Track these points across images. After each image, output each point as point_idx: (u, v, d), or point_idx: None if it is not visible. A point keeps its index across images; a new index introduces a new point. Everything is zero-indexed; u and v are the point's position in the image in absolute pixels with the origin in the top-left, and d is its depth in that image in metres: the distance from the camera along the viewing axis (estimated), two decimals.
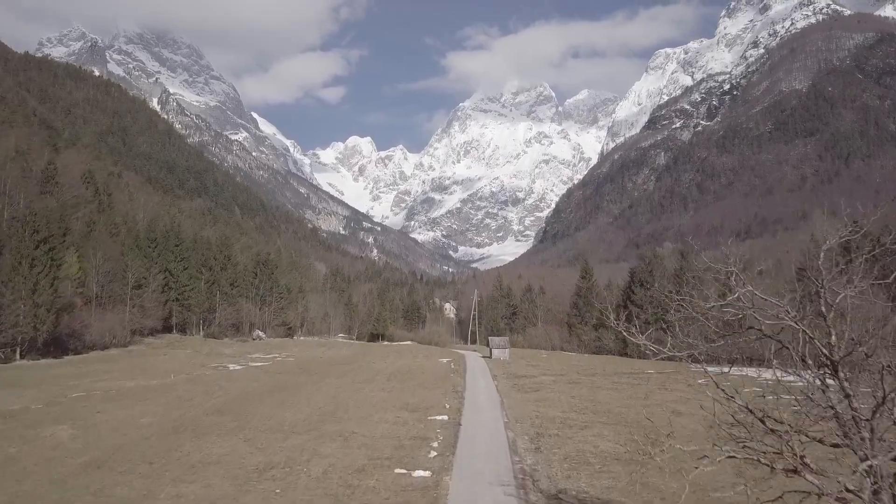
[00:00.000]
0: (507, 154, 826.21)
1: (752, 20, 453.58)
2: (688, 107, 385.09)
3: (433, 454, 16.57)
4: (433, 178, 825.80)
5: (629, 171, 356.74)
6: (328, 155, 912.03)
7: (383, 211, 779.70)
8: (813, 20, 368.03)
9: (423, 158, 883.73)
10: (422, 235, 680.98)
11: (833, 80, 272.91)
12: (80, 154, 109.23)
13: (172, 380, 32.36)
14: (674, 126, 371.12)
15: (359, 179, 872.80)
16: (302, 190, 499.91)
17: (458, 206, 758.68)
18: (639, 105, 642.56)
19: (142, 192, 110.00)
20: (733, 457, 6.00)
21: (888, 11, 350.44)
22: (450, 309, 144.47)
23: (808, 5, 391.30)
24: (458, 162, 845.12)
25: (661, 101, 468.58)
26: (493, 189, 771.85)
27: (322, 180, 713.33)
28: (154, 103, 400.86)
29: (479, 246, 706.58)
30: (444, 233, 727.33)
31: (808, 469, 5.56)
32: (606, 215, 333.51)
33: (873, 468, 5.30)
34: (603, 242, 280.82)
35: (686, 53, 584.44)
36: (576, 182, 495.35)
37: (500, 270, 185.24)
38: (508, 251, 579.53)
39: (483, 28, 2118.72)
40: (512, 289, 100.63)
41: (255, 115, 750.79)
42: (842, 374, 6.00)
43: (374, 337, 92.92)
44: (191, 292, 63.42)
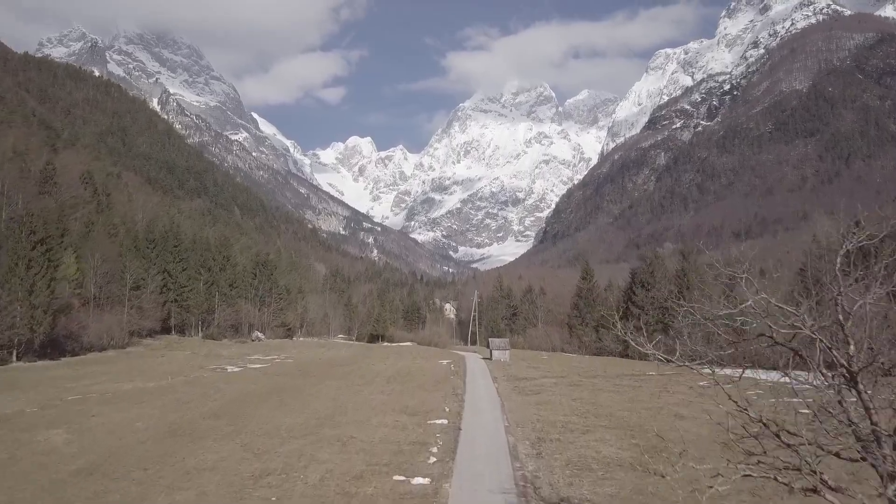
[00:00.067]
0: (507, 154, 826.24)
1: (752, 20, 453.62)
2: (688, 107, 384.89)
3: (433, 460, 16.29)
4: (433, 179, 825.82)
5: (629, 171, 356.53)
6: (328, 155, 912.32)
7: (383, 211, 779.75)
8: (813, 20, 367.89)
9: (423, 159, 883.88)
10: (422, 236, 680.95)
11: (833, 81, 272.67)
12: (79, 154, 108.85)
13: (170, 382, 32.08)
14: (674, 126, 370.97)
15: (359, 180, 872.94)
16: (302, 190, 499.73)
17: (459, 206, 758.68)
18: (639, 105, 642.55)
19: (141, 193, 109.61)
20: (749, 475, 5.70)
21: (888, 11, 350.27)
22: (450, 309, 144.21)
23: (808, 5, 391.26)
24: (459, 162, 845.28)
25: (662, 102, 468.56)
26: (494, 189, 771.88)
27: (322, 180, 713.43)
28: (154, 103, 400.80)
29: (479, 246, 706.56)
30: (444, 233, 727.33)
31: (829, 489, 5.27)
32: (606, 216, 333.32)
33: None
34: (603, 243, 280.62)
35: (686, 54, 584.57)
36: (576, 182, 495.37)
37: (500, 271, 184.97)
38: (508, 251, 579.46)
39: (483, 28, 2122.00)
40: (512, 289, 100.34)
41: (255, 116, 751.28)
42: (861, 386, 5.71)
43: (374, 338, 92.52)
44: (189, 293, 63.11)
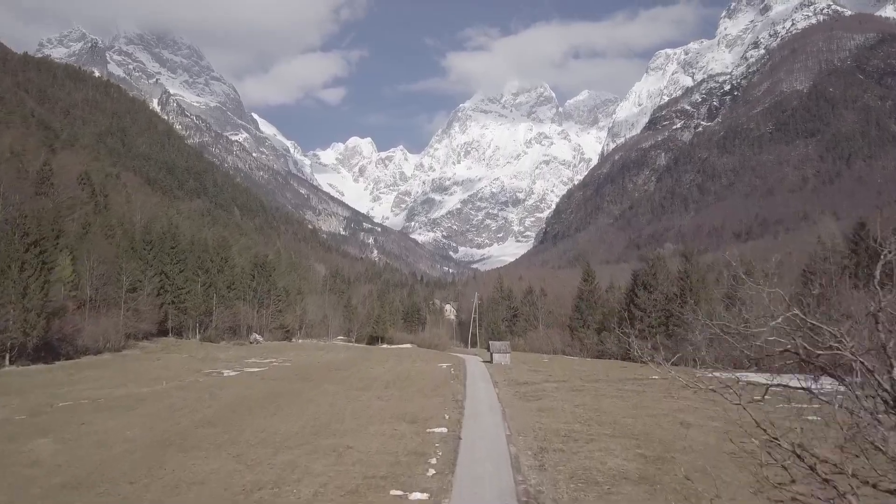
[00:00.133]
0: (507, 155, 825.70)
1: (752, 21, 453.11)
2: (688, 107, 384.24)
3: (431, 472, 15.69)
4: (433, 179, 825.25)
5: (630, 171, 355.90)
6: (328, 156, 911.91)
7: (383, 212, 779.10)
8: (813, 21, 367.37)
9: (423, 159, 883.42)
10: (422, 236, 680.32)
11: (834, 81, 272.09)
12: (77, 155, 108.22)
13: (164, 387, 31.47)
14: (674, 127, 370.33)
15: (359, 180, 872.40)
16: (302, 191, 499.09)
17: (459, 206, 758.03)
18: (639, 106, 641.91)
19: (140, 194, 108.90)
20: None
21: (889, 12, 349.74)
22: (450, 310, 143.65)
23: (808, 6, 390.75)
24: (459, 163, 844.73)
25: (662, 102, 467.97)
26: (494, 190, 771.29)
27: (322, 181, 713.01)
28: (154, 104, 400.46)
29: (479, 247, 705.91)
30: (444, 233, 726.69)
31: None
32: (607, 216, 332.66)
33: None
34: (603, 243, 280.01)
35: (686, 54, 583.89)
36: (576, 183, 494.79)
37: (500, 272, 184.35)
38: (509, 252, 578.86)
39: (483, 29, 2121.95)
40: (513, 290, 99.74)
41: (255, 116, 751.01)
42: None
43: (374, 339, 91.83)
44: (187, 295, 62.49)
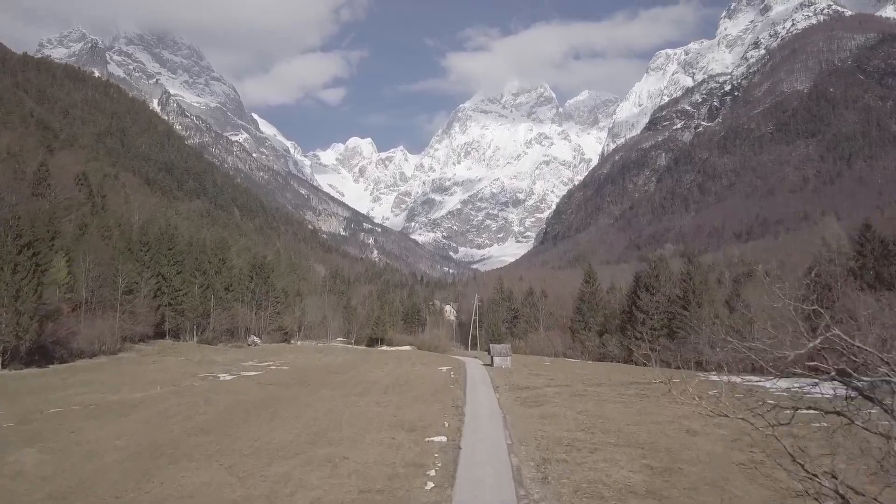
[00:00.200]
0: (507, 155, 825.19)
1: (752, 21, 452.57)
2: (689, 108, 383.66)
3: (430, 485, 15.09)
4: (434, 180, 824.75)
5: (630, 172, 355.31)
6: (328, 156, 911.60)
7: (384, 212, 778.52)
8: (814, 21, 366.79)
9: (423, 159, 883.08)
10: (422, 236, 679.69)
11: (834, 81, 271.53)
12: (76, 155, 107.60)
13: (158, 392, 30.87)
14: (675, 127, 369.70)
15: (359, 180, 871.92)
16: (302, 191, 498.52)
17: (459, 207, 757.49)
18: (639, 106, 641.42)
19: (139, 194, 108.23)
20: None
21: (889, 12, 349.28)
22: (450, 311, 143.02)
23: (808, 6, 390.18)
24: (459, 163, 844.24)
25: (662, 102, 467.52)
26: (494, 190, 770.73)
27: (322, 181, 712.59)
28: (154, 104, 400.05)
29: (479, 247, 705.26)
30: (444, 234, 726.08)
31: None
32: (607, 216, 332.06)
33: None
34: (604, 244, 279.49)
35: (687, 54, 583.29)
36: (576, 183, 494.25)
37: (500, 272, 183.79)
38: (509, 252, 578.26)
39: (483, 29, 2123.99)
40: (513, 292, 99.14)
41: (255, 117, 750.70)
42: None
43: (373, 341, 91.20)
44: (184, 297, 61.86)
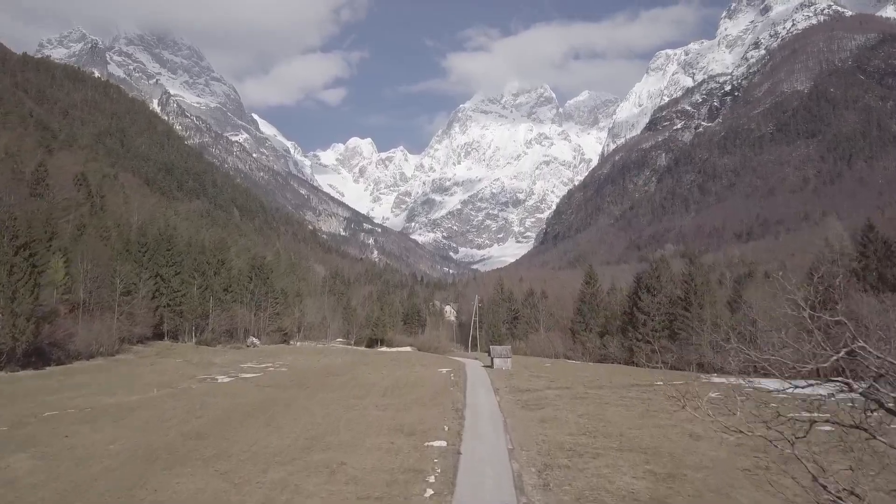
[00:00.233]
0: (507, 155, 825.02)
1: (752, 21, 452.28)
2: (689, 108, 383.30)
3: (429, 492, 14.79)
4: (434, 180, 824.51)
5: (630, 172, 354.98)
6: (329, 156, 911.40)
7: (384, 212, 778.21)
8: (814, 21, 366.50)
9: (423, 160, 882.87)
10: (422, 237, 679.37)
11: (835, 81, 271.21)
12: (75, 155, 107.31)
13: (155, 395, 30.55)
14: (675, 127, 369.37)
15: (359, 181, 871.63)
16: (302, 191, 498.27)
17: (459, 207, 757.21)
18: (639, 106, 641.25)
19: (138, 194, 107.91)
20: None
21: (889, 12, 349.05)
22: (450, 312, 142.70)
23: (808, 6, 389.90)
24: (459, 163, 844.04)
25: (662, 103, 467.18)
26: (494, 190, 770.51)
27: (322, 182, 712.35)
28: (154, 105, 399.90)
29: (479, 247, 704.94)
30: (444, 234, 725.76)
31: None
32: (607, 217, 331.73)
33: None
34: (604, 244, 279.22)
35: (687, 55, 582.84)
36: (576, 183, 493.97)
37: (500, 273, 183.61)
38: (509, 252, 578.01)
39: (483, 29, 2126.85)
40: (513, 292, 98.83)
41: (255, 117, 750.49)
42: None
43: (373, 342, 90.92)
44: (183, 298, 61.52)
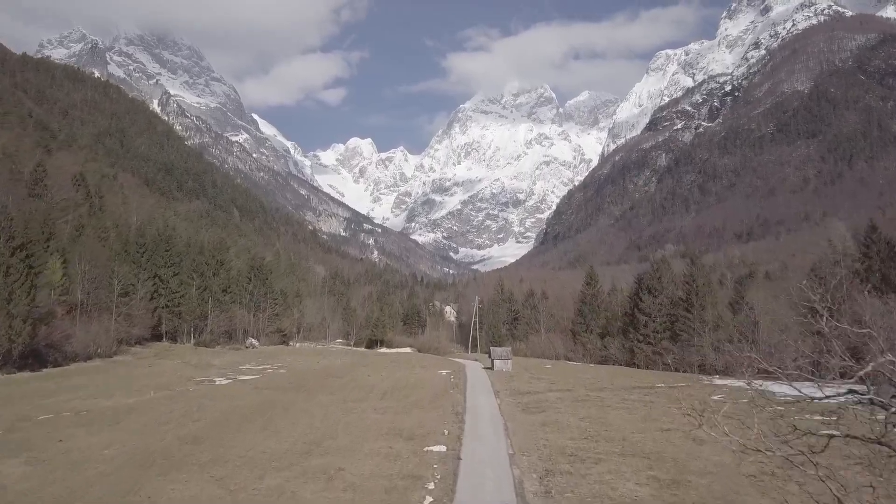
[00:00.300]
0: (507, 155, 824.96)
1: (752, 21, 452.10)
2: (689, 108, 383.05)
3: (429, 500, 14.48)
4: (434, 180, 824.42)
5: (630, 172, 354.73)
6: (329, 156, 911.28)
7: (384, 212, 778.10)
8: (814, 21, 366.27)
9: (423, 160, 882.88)
10: (422, 237, 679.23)
11: (835, 82, 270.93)
12: (74, 156, 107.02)
13: (152, 397, 30.25)
14: (675, 127, 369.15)
15: (359, 181, 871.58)
16: (302, 191, 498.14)
17: (459, 207, 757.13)
18: (640, 106, 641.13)
19: (137, 195, 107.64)
20: None
21: (890, 12, 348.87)
22: (450, 312, 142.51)
23: (809, 6, 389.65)
24: (459, 163, 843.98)
25: (662, 103, 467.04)
26: (494, 190, 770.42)
27: (323, 182, 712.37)
28: (154, 105, 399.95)
29: (479, 247, 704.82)
30: (444, 234, 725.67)
31: None
32: (607, 217, 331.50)
33: None
34: (604, 244, 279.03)
35: (687, 55, 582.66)
36: (576, 184, 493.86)
37: (500, 273, 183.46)
38: (509, 252, 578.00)
39: (484, 29, 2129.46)
40: (513, 293, 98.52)
41: (255, 117, 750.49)
42: None
43: (373, 343, 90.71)
44: (181, 299, 61.20)
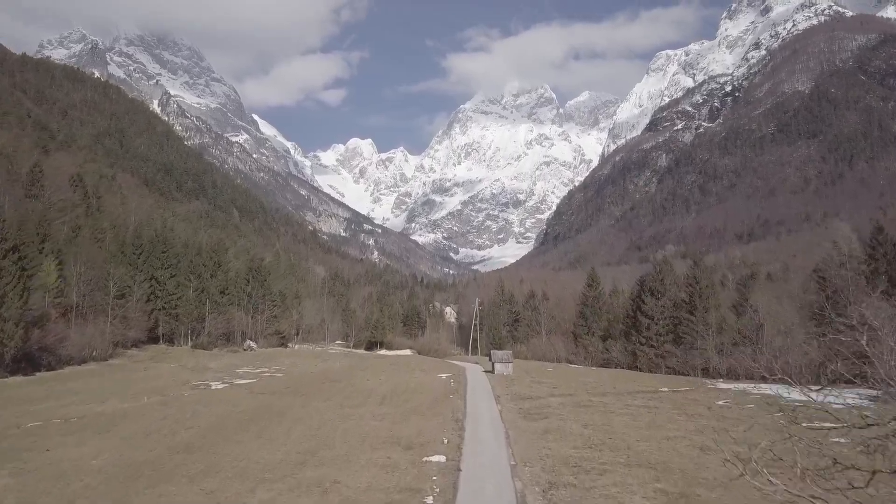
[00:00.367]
0: (507, 156, 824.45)
1: (753, 22, 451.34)
2: (689, 108, 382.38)
3: None
4: (434, 180, 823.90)
5: (630, 173, 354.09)
6: (329, 157, 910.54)
7: (384, 213, 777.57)
8: (815, 21, 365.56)
9: (423, 160, 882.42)
10: (422, 237, 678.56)
11: (836, 82, 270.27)
12: (73, 156, 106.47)
13: (145, 403, 29.65)
14: (675, 128, 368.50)
15: (359, 181, 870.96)
16: (302, 192, 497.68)
17: (459, 207, 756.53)
18: (640, 107, 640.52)
19: (135, 195, 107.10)
20: None
21: (890, 13, 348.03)
22: (450, 313, 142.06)
23: (809, 7, 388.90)
24: (459, 164, 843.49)
25: (663, 103, 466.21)
26: (494, 191, 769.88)
27: (323, 182, 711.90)
28: (155, 105, 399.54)
29: (479, 248, 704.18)
30: (444, 235, 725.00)
31: None
32: (608, 217, 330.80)
33: None
34: (604, 245, 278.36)
35: (687, 55, 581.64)
36: (577, 184, 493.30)
37: (501, 274, 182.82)
38: (509, 253, 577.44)
39: (484, 30, 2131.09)
40: (514, 294, 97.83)
41: (255, 117, 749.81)
42: None
43: (372, 345, 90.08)
44: (179, 301, 60.58)
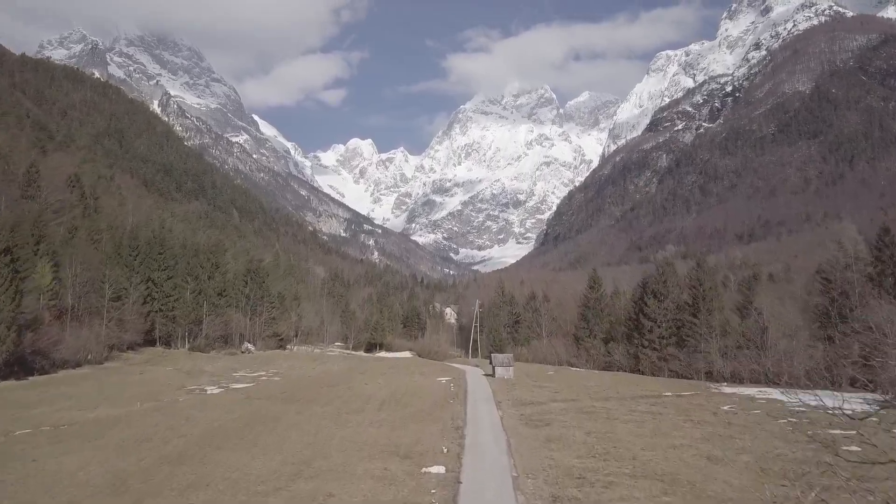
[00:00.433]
0: (508, 156, 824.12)
1: (753, 22, 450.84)
2: (690, 109, 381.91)
3: None
4: (434, 181, 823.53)
5: (631, 173, 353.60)
6: (329, 157, 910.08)
7: (384, 213, 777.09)
8: (815, 22, 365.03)
9: (423, 161, 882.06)
10: (423, 238, 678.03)
11: (836, 82, 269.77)
12: (71, 156, 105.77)
13: (138, 409, 29.02)
14: (676, 128, 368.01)
15: (360, 182, 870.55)
16: (302, 192, 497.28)
17: (459, 208, 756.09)
18: (640, 107, 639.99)
19: (134, 196, 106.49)
20: None
21: (891, 13, 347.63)
22: (450, 314, 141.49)
23: (809, 7, 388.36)
24: (459, 164, 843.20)
25: (663, 104, 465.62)
26: (494, 191, 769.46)
27: (323, 182, 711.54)
28: (155, 106, 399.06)
29: (480, 248, 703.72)
30: (445, 235, 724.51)
31: None
32: (608, 218, 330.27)
33: None
34: (604, 245, 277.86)
35: (687, 55, 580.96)
36: (577, 184, 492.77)
37: (501, 274, 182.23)
38: (510, 253, 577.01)
39: (484, 30, 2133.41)
40: (514, 295, 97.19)
41: (255, 118, 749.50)
42: None
43: (372, 346, 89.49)
44: (175, 303, 59.95)
